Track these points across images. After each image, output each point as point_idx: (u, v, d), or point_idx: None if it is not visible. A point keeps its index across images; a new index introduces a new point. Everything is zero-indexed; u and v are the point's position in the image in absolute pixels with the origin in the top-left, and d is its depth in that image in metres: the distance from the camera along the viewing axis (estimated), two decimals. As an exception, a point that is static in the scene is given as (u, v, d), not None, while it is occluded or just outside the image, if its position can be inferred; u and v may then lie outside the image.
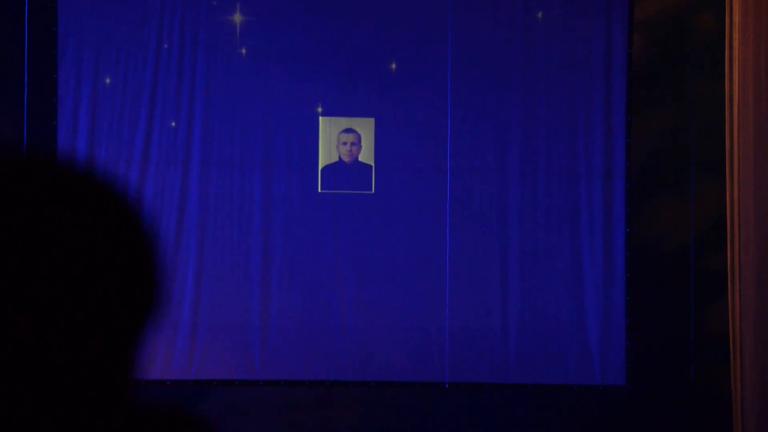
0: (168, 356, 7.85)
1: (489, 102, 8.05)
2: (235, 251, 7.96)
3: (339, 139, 8.04)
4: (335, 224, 8.00)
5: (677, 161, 8.12)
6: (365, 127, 8.03)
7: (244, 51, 7.96)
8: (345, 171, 8.05)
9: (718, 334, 7.80)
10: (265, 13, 7.99)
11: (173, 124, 7.95)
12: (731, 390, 7.56)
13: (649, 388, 8.03)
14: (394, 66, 8.02)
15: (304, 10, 7.99)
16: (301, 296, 7.96)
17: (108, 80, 7.91)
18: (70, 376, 1.16)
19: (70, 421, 1.16)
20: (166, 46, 7.94)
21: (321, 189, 8.00)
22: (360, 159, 8.05)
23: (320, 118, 7.99)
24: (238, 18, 7.95)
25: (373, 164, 8.04)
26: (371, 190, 8.03)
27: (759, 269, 7.37)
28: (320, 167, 8.01)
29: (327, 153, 8.03)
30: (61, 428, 1.16)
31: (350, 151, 8.04)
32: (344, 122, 8.03)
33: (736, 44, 7.45)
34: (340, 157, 8.06)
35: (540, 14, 8.04)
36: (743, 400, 7.43)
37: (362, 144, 8.03)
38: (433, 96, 8.02)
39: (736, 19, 7.45)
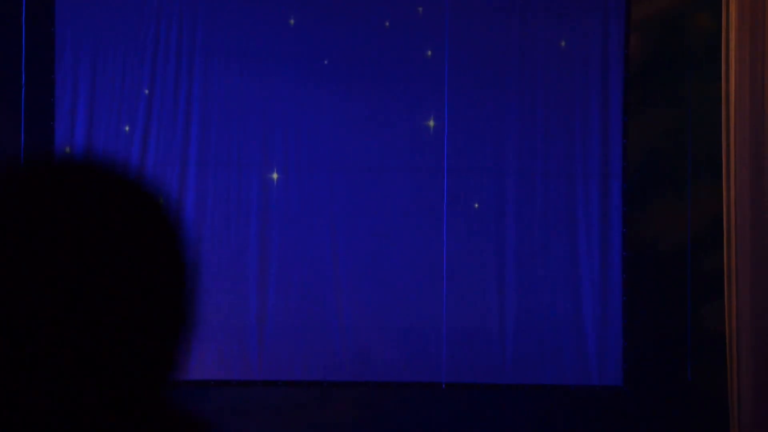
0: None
1: (486, 102, 8.05)
2: (233, 251, 7.96)
3: None
4: (333, 225, 8.00)
5: (674, 162, 8.12)
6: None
7: (242, 51, 7.97)
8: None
9: (715, 333, 7.80)
10: (261, 15, 7.99)
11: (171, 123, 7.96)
12: (728, 389, 7.56)
13: (646, 388, 8.04)
14: (391, 67, 8.02)
15: (303, 12, 7.99)
16: (299, 296, 7.96)
17: (105, 80, 7.91)
18: (90, 376, 1.16)
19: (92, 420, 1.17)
20: (163, 46, 7.94)
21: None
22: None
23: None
24: (236, 18, 7.96)
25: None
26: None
27: (755, 269, 7.38)
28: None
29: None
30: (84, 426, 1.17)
31: None
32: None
33: (732, 44, 7.45)
34: None
35: (537, 14, 8.05)
36: (740, 400, 7.44)
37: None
38: (430, 96, 8.02)
39: (733, 19, 7.45)
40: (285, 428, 7.95)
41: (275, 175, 8.02)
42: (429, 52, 8.02)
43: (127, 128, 7.92)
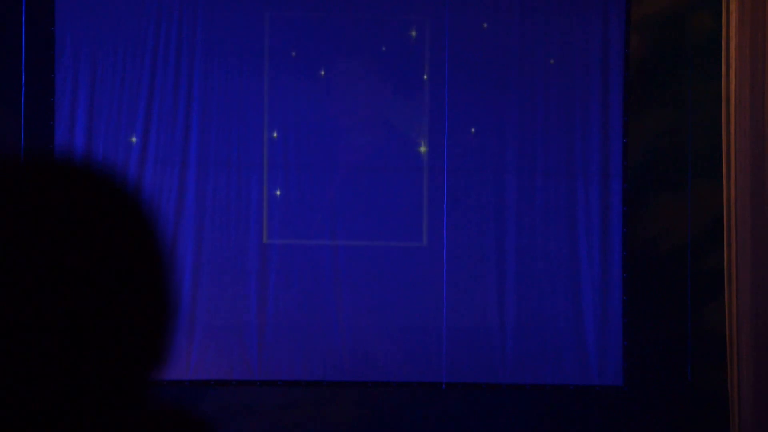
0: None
1: (486, 102, 8.05)
2: (233, 250, 7.96)
3: None
4: (333, 224, 8.00)
5: (674, 161, 8.12)
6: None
7: (242, 51, 7.97)
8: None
9: (715, 333, 7.80)
10: (261, 15, 7.99)
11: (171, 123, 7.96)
12: (728, 389, 7.56)
13: (646, 388, 8.04)
14: (391, 66, 8.03)
15: (300, 10, 8.00)
16: (298, 296, 7.96)
17: (105, 80, 7.91)
18: (70, 376, 1.16)
19: (75, 420, 1.17)
20: (163, 45, 7.94)
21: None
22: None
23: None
24: (235, 19, 7.96)
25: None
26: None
27: (755, 269, 7.38)
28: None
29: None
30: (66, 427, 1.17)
31: None
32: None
33: (733, 44, 7.45)
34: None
35: (537, 14, 8.05)
36: (740, 400, 7.44)
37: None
38: (430, 96, 8.02)
39: (733, 19, 7.45)
40: (285, 428, 7.95)
41: (276, 178, 8.01)
42: (429, 51, 8.01)
43: (133, 139, 7.90)
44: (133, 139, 7.90)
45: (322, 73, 8.00)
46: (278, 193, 8.01)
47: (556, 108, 8.07)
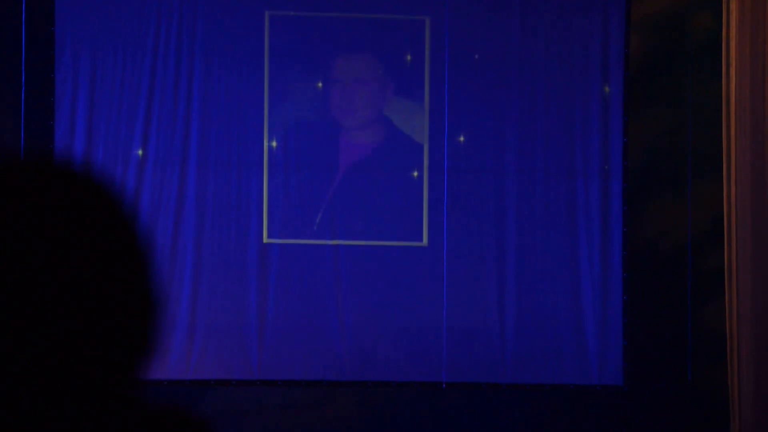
0: (165, 356, 7.86)
1: (486, 101, 8.05)
2: (233, 251, 7.96)
3: None
4: (333, 225, 8.00)
5: (674, 161, 8.13)
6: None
7: (241, 50, 7.97)
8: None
9: (716, 333, 7.80)
10: (261, 15, 7.99)
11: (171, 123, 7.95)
12: (728, 389, 7.56)
13: (646, 388, 8.04)
14: (391, 65, 8.03)
15: (300, 10, 8.00)
16: (298, 296, 7.96)
17: (105, 80, 7.91)
18: (66, 376, 1.16)
19: (71, 421, 1.17)
20: (163, 45, 7.93)
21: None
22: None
23: None
24: (235, 18, 7.96)
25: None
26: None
27: (756, 268, 7.38)
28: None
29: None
30: (62, 428, 1.17)
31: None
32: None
33: (733, 44, 7.45)
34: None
35: (537, 14, 8.05)
36: (740, 400, 7.44)
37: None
38: (430, 95, 8.02)
39: (734, 18, 7.45)
40: (285, 428, 7.95)
41: (276, 178, 8.02)
42: (429, 51, 8.02)
43: (140, 152, 7.89)
44: (140, 152, 7.88)
45: (322, 73, 8.01)
46: (276, 179, 8.00)
47: (556, 108, 8.07)
